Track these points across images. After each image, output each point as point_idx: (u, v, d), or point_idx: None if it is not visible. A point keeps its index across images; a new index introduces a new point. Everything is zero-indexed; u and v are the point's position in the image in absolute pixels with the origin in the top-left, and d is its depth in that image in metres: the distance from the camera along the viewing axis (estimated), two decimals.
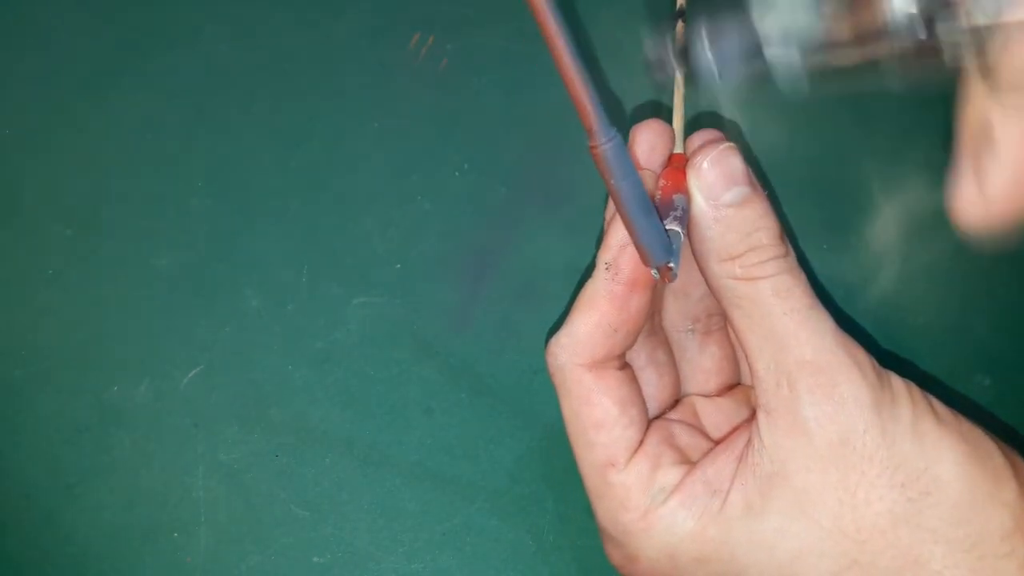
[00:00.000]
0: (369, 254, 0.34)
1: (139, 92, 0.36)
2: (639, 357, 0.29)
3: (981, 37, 0.21)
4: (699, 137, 0.28)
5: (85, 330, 0.34)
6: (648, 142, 0.28)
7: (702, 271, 0.26)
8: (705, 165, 0.25)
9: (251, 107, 0.35)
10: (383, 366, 0.33)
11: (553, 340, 0.27)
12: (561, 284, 0.34)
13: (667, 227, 0.25)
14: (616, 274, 0.26)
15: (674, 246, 0.24)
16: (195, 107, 0.35)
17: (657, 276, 0.25)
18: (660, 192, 0.26)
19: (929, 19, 0.21)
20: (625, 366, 0.28)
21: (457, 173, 0.35)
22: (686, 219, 0.25)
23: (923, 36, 0.21)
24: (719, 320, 0.30)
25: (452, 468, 0.33)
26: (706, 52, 0.24)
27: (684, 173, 0.26)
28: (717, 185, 0.25)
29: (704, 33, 0.24)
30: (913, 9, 0.21)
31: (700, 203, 0.25)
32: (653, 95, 0.34)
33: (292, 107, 0.35)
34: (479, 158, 0.35)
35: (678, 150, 0.28)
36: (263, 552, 0.32)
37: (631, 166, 0.23)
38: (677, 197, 0.26)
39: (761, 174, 0.34)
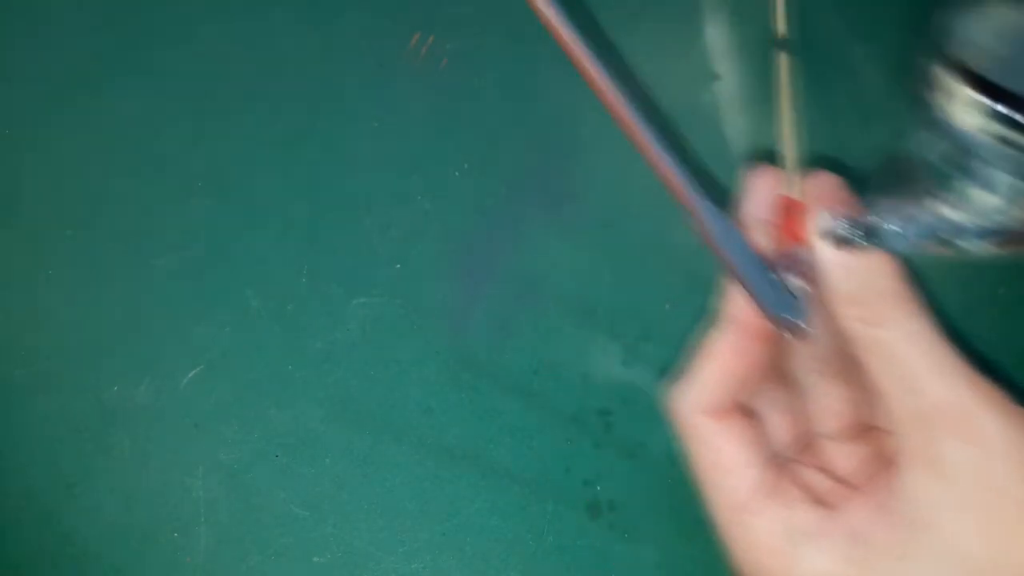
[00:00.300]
0: (369, 254, 0.34)
1: (139, 92, 0.36)
2: (767, 401, 0.29)
3: None
4: (816, 182, 0.28)
5: (85, 330, 0.34)
6: (764, 189, 0.28)
7: (830, 316, 0.26)
8: (823, 212, 0.25)
9: (251, 107, 0.35)
10: (383, 366, 0.33)
11: (676, 387, 0.28)
12: (561, 284, 0.34)
13: (793, 284, 0.25)
14: (742, 325, 0.26)
15: (801, 304, 0.25)
16: (195, 107, 0.35)
17: (789, 336, 0.25)
18: (781, 245, 0.26)
19: None
20: (751, 412, 0.28)
21: (457, 173, 0.35)
22: (810, 271, 0.26)
23: None
24: (849, 363, 0.29)
25: (452, 468, 0.33)
26: (893, 232, 0.24)
27: (802, 222, 0.26)
28: (838, 231, 0.25)
29: (891, 213, 0.24)
30: None
31: (823, 250, 0.25)
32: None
33: (292, 107, 0.35)
34: (479, 158, 0.35)
35: (794, 196, 0.28)
36: (263, 552, 0.32)
37: (738, 237, 0.23)
38: (797, 249, 0.26)
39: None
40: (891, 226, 0.24)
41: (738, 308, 0.26)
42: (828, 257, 0.25)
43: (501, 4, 0.36)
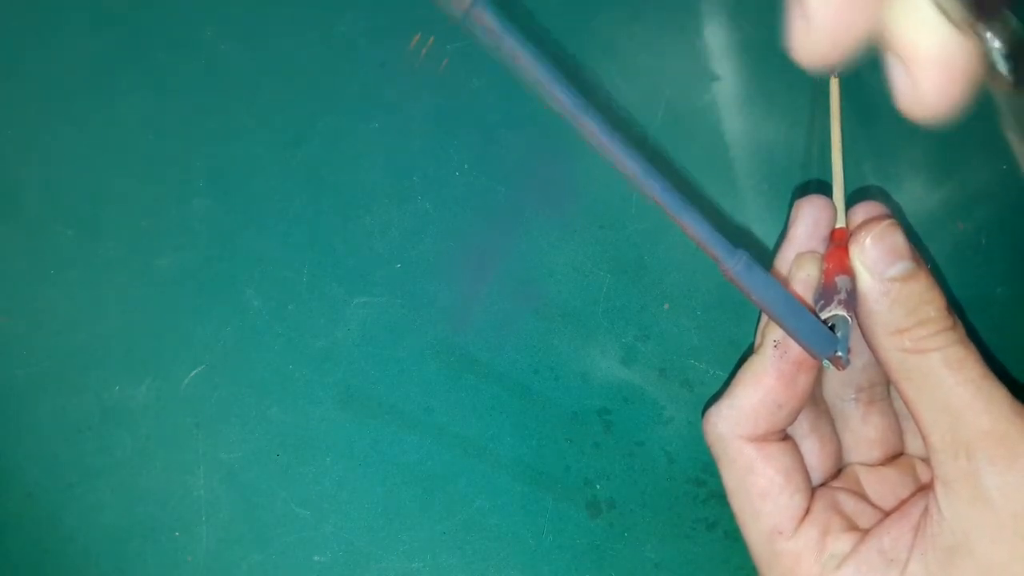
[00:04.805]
0: (369, 254, 0.34)
1: (139, 92, 0.36)
2: (801, 426, 0.29)
3: None
4: (861, 211, 0.28)
5: (86, 330, 0.34)
6: (811, 217, 0.28)
7: (870, 344, 0.26)
8: (868, 241, 0.26)
9: (251, 107, 0.35)
10: (383, 366, 0.33)
11: (713, 410, 0.28)
12: (561, 284, 0.34)
13: (833, 312, 0.25)
14: (785, 352, 0.26)
15: (841, 333, 0.25)
16: (195, 107, 0.35)
17: (829, 366, 0.25)
18: (824, 275, 0.26)
19: None
20: (787, 437, 0.28)
21: (457, 173, 0.35)
22: (853, 300, 0.26)
23: None
24: (882, 390, 0.30)
25: (452, 468, 0.33)
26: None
27: (846, 251, 0.26)
28: (881, 260, 0.25)
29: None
30: None
31: (866, 279, 0.26)
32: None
33: (292, 107, 0.35)
34: (479, 158, 0.35)
35: (839, 224, 0.28)
36: (264, 551, 0.32)
37: (767, 278, 0.24)
38: (841, 279, 0.26)
39: (762, 176, 0.34)
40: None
41: (779, 336, 0.26)
42: (871, 286, 0.25)
43: (501, 4, 0.36)
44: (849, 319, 0.25)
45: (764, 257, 0.32)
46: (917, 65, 0.20)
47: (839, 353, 0.25)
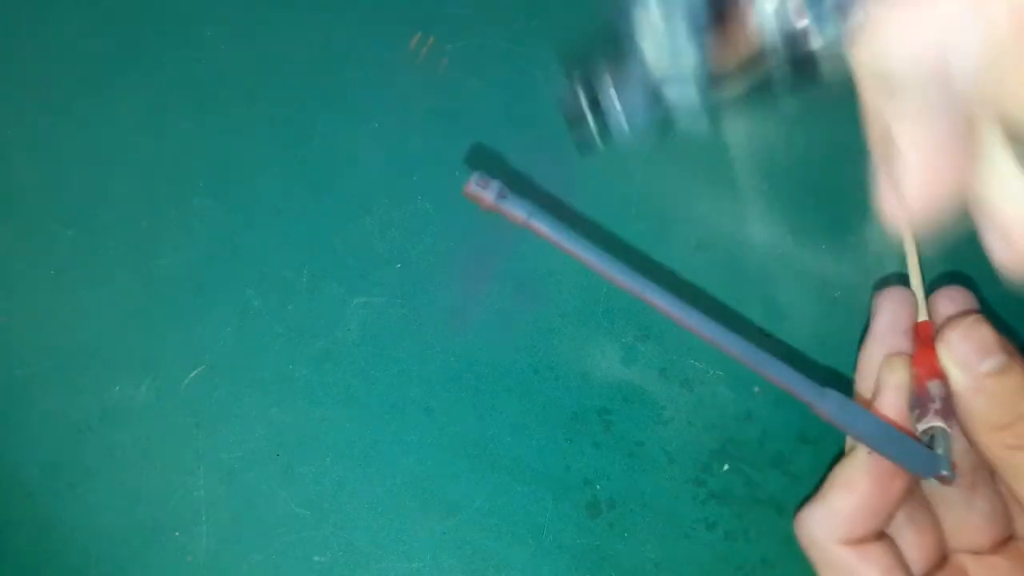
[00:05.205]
0: (369, 254, 0.34)
1: (139, 92, 0.36)
2: (897, 517, 0.28)
3: (844, 41, 0.21)
4: (943, 299, 0.28)
5: (86, 330, 0.34)
6: (891, 312, 0.28)
7: (970, 440, 0.26)
8: (955, 338, 0.25)
9: (251, 107, 0.35)
10: (383, 366, 0.34)
11: (807, 513, 0.27)
12: (561, 284, 0.34)
13: (930, 424, 0.25)
14: (880, 459, 0.26)
15: (941, 449, 0.25)
16: (195, 107, 0.35)
17: (936, 483, 0.25)
18: (916, 381, 0.26)
19: (796, 31, 0.21)
20: (883, 535, 0.27)
21: (457, 173, 0.35)
22: (949, 406, 0.25)
23: (798, 48, 0.22)
24: (984, 474, 0.29)
25: (452, 468, 0.33)
26: (614, 101, 0.25)
27: (933, 350, 0.26)
28: (972, 357, 0.25)
29: (610, 82, 0.25)
30: (778, 21, 0.22)
31: (958, 377, 0.25)
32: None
33: (292, 107, 0.35)
34: (479, 158, 0.35)
35: (922, 317, 0.28)
36: (264, 551, 0.32)
37: (861, 412, 0.24)
38: (933, 384, 0.26)
39: (759, 175, 0.34)
40: (613, 96, 0.24)
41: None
42: (965, 385, 0.25)
43: (501, 4, 0.36)
44: (948, 430, 0.25)
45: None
46: (1007, 230, 0.20)
47: (943, 470, 0.25)
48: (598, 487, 0.33)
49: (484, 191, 0.24)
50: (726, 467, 0.33)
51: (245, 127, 0.35)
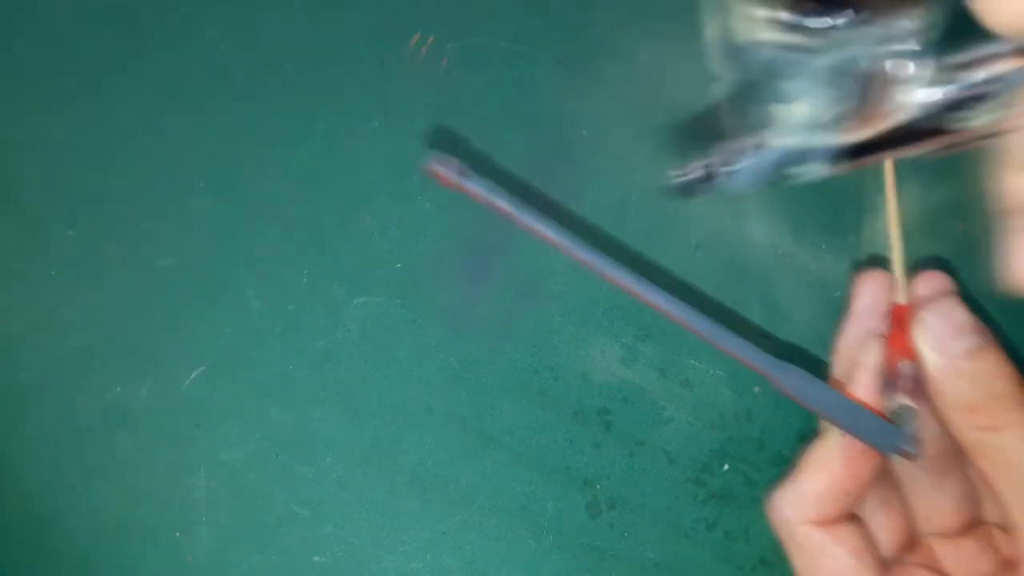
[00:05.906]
0: (369, 254, 0.34)
1: (139, 92, 0.36)
2: (868, 499, 0.28)
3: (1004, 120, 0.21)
4: (923, 283, 0.28)
5: (87, 331, 0.34)
6: (870, 294, 0.28)
7: (941, 422, 0.26)
8: (931, 319, 0.25)
9: (251, 107, 0.35)
10: (383, 366, 0.34)
11: (778, 494, 0.27)
12: (561, 284, 0.34)
13: (900, 403, 0.25)
14: (851, 439, 0.26)
15: (906, 428, 0.25)
16: (195, 107, 0.35)
17: (899, 458, 0.26)
18: (888, 363, 0.26)
19: (952, 107, 0.21)
20: (854, 517, 0.27)
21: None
22: (919, 387, 0.26)
23: (948, 126, 0.21)
24: (954, 457, 0.29)
25: (452, 468, 0.33)
26: (729, 178, 0.24)
27: (907, 332, 0.26)
28: (947, 338, 0.25)
29: (725, 159, 0.24)
30: (936, 97, 0.21)
31: (932, 358, 0.25)
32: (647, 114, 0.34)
33: (292, 107, 0.35)
34: (479, 158, 0.35)
35: (900, 300, 0.28)
36: (264, 551, 0.32)
37: (821, 387, 0.24)
38: (904, 363, 0.26)
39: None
40: (727, 168, 0.24)
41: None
42: (940, 365, 0.25)
43: (501, 4, 0.36)
44: (915, 408, 0.25)
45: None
46: None
47: (907, 447, 0.25)
48: (598, 487, 0.33)
49: (444, 168, 0.25)
50: (726, 467, 0.33)
51: (245, 127, 0.35)
